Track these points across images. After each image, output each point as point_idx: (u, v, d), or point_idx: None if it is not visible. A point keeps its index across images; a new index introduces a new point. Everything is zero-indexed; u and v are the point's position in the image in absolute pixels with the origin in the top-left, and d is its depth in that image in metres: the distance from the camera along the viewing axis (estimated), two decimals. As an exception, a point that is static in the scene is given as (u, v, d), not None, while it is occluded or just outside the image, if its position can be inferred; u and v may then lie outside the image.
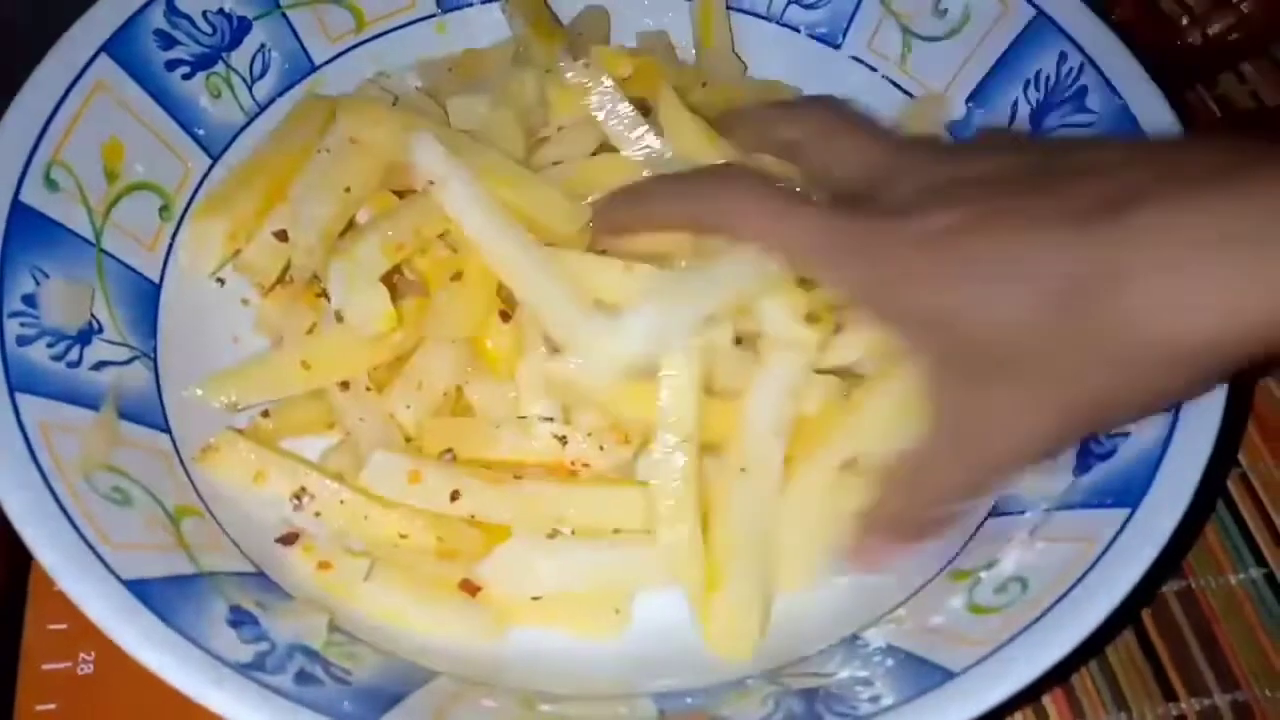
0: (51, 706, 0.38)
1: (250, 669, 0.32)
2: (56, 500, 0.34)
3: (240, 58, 0.47)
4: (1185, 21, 0.57)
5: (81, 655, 0.39)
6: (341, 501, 0.39)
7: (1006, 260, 0.32)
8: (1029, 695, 0.34)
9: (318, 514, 0.39)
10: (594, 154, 0.44)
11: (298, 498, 0.40)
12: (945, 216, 0.33)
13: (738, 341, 0.39)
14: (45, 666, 0.39)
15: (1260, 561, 0.45)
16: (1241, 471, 0.47)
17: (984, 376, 0.33)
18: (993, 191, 0.33)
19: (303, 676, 0.32)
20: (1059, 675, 0.38)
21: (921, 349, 0.35)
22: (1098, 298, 0.30)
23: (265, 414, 0.42)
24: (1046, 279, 0.31)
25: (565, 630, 0.39)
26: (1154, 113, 0.44)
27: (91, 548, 0.33)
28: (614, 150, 0.44)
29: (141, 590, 0.32)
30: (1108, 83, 0.45)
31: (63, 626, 0.39)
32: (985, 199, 0.33)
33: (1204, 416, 0.36)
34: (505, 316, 0.41)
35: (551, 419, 0.40)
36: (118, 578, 0.32)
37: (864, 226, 0.35)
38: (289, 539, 0.39)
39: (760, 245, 0.37)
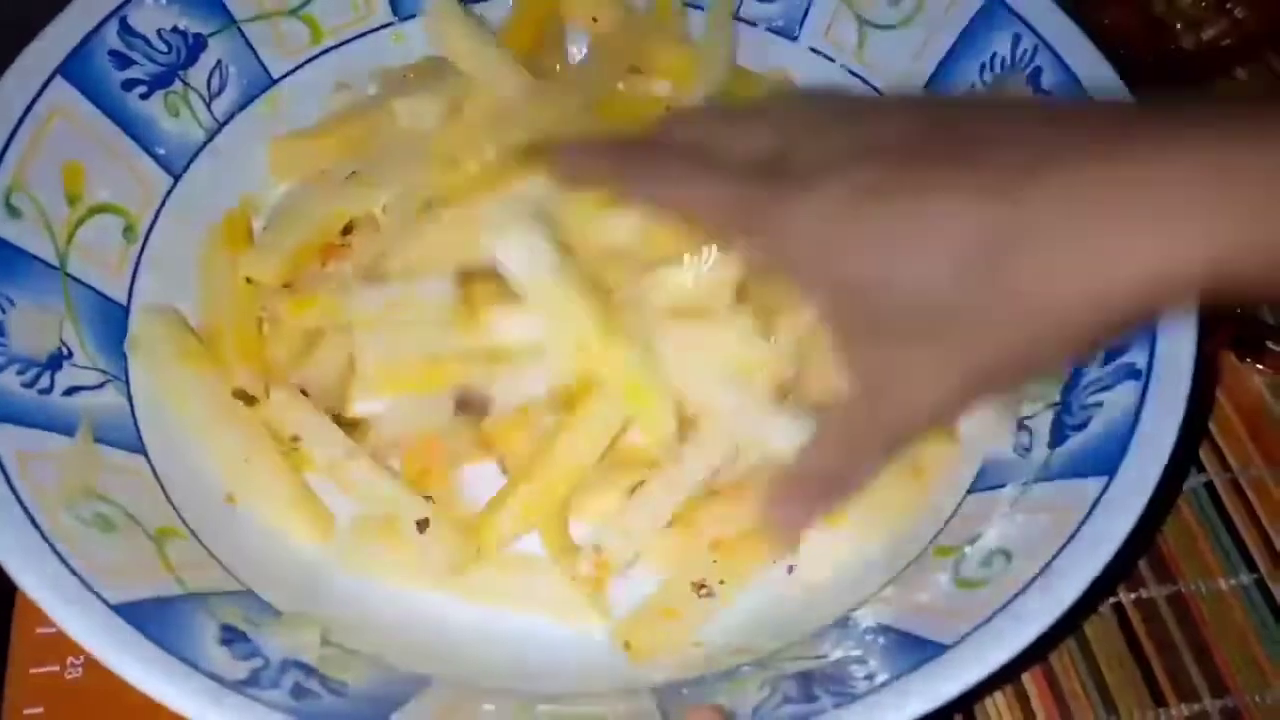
0: (39, 710, 0.38)
1: (246, 686, 0.31)
2: (39, 530, 0.33)
3: (197, 75, 0.47)
4: (1179, 27, 0.57)
5: (70, 659, 0.39)
6: None
7: (917, 226, 0.31)
8: (1009, 672, 0.35)
9: None
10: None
11: None
12: (853, 182, 0.32)
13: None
14: (33, 671, 0.39)
15: (1251, 567, 0.45)
16: (1232, 476, 0.47)
17: (899, 339, 0.33)
18: (903, 155, 0.33)
19: (299, 690, 0.32)
20: (1039, 652, 0.39)
21: (836, 315, 0.34)
22: (1011, 258, 0.30)
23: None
24: (958, 243, 0.31)
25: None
26: (1106, 87, 0.45)
27: (78, 576, 0.32)
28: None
29: (131, 615, 0.32)
30: (1061, 61, 0.46)
31: (50, 631, 0.38)
32: (895, 164, 0.32)
33: (1174, 383, 0.37)
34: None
35: None
36: (107, 604, 0.32)
37: (773, 194, 0.34)
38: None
39: (676, 213, 0.37)
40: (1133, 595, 0.44)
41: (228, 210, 0.46)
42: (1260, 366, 0.50)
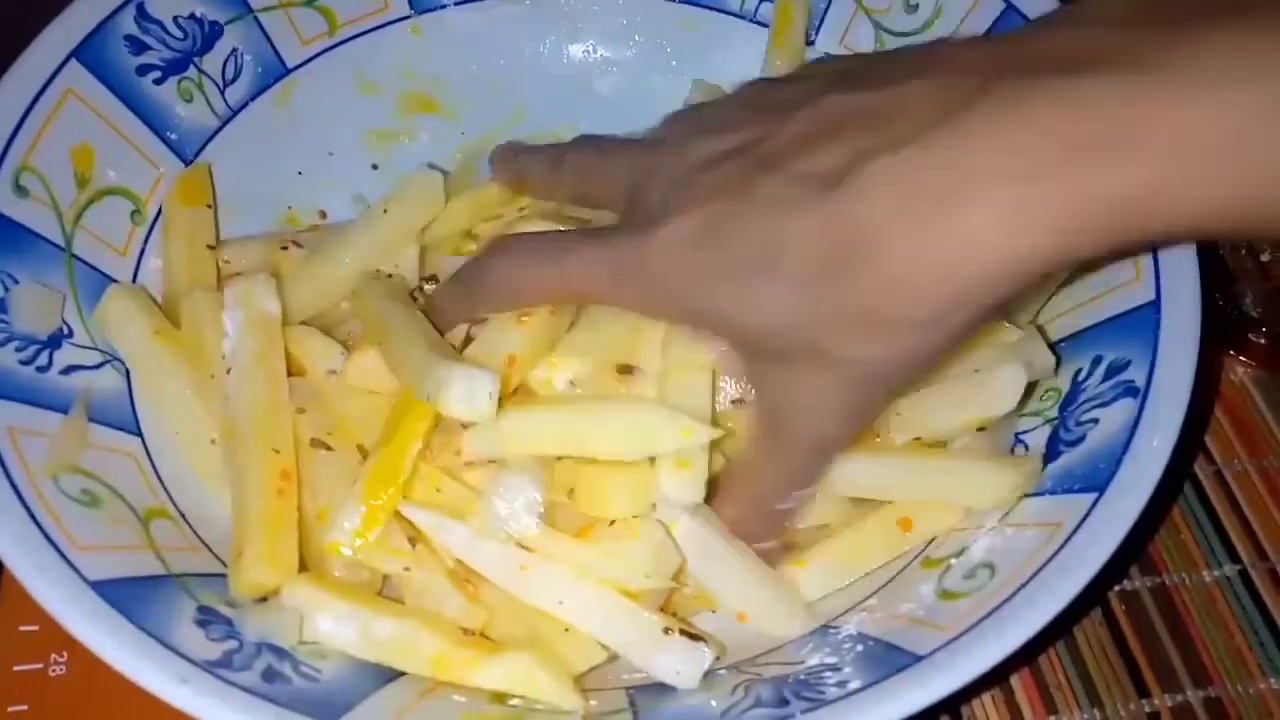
0: (23, 708, 0.38)
1: (216, 666, 0.32)
2: (23, 502, 0.34)
3: (212, 62, 0.48)
4: None
5: (53, 656, 0.39)
6: None
7: (755, 254, 0.31)
8: (996, 677, 0.34)
9: None
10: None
11: None
12: (687, 220, 0.33)
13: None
14: (17, 668, 0.39)
15: (1234, 558, 0.45)
16: (1216, 468, 0.47)
17: (780, 359, 0.33)
18: (730, 176, 0.33)
19: (270, 674, 0.32)
20: (1026, 657, 0.38)
21: (727, 343, 0.35)
22: (853, 270, 0.30)
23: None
24: (797, 262, 0.31)
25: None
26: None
27: (57, 549, 0.33)
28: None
29: (107, 591, 0.32)
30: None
31: (34, 628, 0.39)
32: (723, 189, 0.33)
33: (1171, 399, 0.36)
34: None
35: None
36: (83, 579, 0.32)
37: (621, 251, 0.35)
38: None
39: (550, 302, 0.38)
40: (1117, 587, 0.44)
41: (181, 173, 0.46)
42: (1243, 359, 0.49)
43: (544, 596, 0.36)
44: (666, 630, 0.35)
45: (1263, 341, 0.49)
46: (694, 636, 0.35)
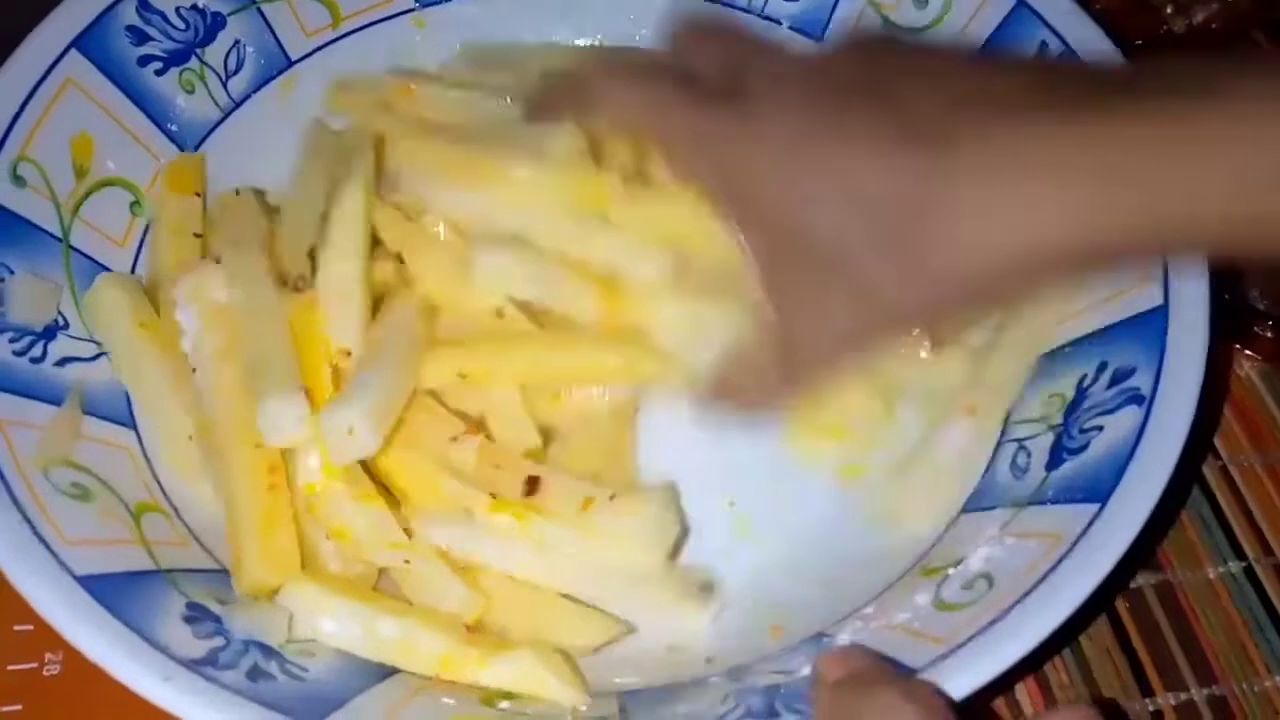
0: (17, 708, 0.38)
1: (201, 665, 0.31)
2: (10, 494, 0.33)
3: (214, 53, 0.47)
4: (1169, 10, 0.57)
5: (48, 656, 0.39)
6: None
7: (836, 171, 0.33)
8: (995, 689, 0.34)
9: None
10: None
11: None
12: (790, 121, 0.34)
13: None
14: (11, 667, 0.38)
15: (1239, 555, 0.44)
16: (1221, 464, 0.46)
17: (817, 272, 0.34)
18: (839, 99, 0.34)
19: (255, 672, 0.32)
20: (1028, 667, 0.38)
21: (763, 247, 0.36)
22: (918, 230, 0.32)
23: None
24: (867, 194, 0.32)
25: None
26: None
27: (44, 543, 0.33)
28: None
29: (94, 586, 0.32)
30: (1087, 71, 0.44)
31: (29, 627, 0.39)
32: (831, 106, 0.34)
33: (1178, 409, 0.36)
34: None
35: None
36: (70, 573, 0.32)
37: (719, 124, 0.36)
38: None
39: (633, 131, 0.41)
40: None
41: (172, 161, 0.45)
42: (1249, 352, 0.49)
43: (549, 577, 0.36)
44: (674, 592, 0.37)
45: (1269, 335, 0.48)
46: (701, 588, 0.37)
